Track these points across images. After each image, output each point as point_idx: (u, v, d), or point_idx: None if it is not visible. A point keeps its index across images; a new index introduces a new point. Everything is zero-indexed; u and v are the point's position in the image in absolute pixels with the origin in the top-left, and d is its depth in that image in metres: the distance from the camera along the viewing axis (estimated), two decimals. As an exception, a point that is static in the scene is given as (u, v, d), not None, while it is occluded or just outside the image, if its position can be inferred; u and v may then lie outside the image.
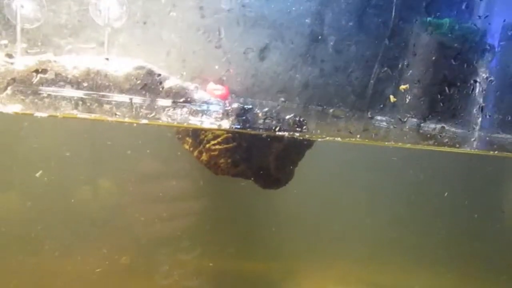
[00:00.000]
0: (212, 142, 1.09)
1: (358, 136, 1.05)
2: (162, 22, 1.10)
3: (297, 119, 1.08)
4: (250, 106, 1.08)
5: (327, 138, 1.05)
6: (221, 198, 1.50)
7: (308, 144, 1.19)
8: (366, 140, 1.05)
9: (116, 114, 1.08)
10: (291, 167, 1.19)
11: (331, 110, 1.04)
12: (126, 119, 1.08)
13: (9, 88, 0.99)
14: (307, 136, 1.05)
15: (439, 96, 1.05)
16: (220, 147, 1.08)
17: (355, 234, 1.60)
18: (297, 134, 1.04)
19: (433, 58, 1.08)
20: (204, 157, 1.11)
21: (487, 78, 1.11)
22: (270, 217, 1.55)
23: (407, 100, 1.04)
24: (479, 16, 1.06)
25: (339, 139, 1.05)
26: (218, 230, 1.53)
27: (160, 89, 1.09)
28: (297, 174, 1.22)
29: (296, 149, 1.18)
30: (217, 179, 1.36)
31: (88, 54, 1.09)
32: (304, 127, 1.04)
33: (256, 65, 1.09)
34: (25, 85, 1.00)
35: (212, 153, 1.10)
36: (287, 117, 1.07)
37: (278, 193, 1.29)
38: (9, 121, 1.21)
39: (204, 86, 1.12)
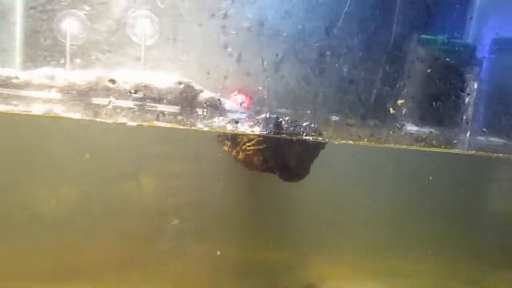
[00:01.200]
0: (247, 144, 1.32)
1: (366, 139, 1.28)
2: (190, 39, 1.26)
3: (312, 125, 1.30)
4: (275, 116, 1.30)
5: (342, 141, 1.27)
6: (241, 192, 1.70)
7: (322, 145, 1.42)
8: (372, 143, 1.26)
9: (163, 121, 1.27)
10: (308, 164, 1.42)
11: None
12: (170, 125, 1.27)
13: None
14: (326, 139, 1.28)
15: (430, 107, 1.28)
16: (254, 148, 1.31)
17: (362, 225, 1.81)
18: (320, 138, 1.27)
19: (428, 71, 1.29)
20: (241, 156, 1.34)
21: (475, 89, 1.31)
22: (285, 209, 1.76)
23: (403, 111, 1.26)
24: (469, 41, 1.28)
25: (351, 142, 1.26)
26: (237, 220, 1.74)
27: (197, 100, 1.30)
28: (312, 169, 1.46)
29: (312, 150, 1.41)
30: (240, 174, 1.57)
31: (130, 68, 1.24)
32: (325, 133, 1.26)
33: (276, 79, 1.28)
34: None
35: (248, 152, 1.33)
36: (304, 124, 1.29)
37: (295, 186, 1.50)
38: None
39: (228, 96, 1.32)
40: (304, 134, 1.24)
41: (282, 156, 1.36)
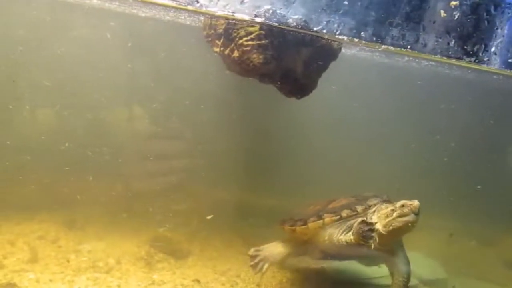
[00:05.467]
0: (245, 38, 0.98)
1: (409, 47, 0.96)
2: None
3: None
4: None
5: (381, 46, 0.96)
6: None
7: (334, 55, 1.11)
8: (416, 52, 0.95)
9: None
10: (316, 76, 1.11)
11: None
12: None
13: None
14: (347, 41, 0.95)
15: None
16: (252, 43, 0.98)
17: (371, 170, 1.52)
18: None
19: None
20: (236, 53, 0.99)
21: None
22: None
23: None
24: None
25: (391, 48, 0.95)
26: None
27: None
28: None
29: (322, 57, 1.09)
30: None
31: None
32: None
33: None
34: None
35: (245, 48, 0.98)
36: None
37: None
38: None
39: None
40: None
41: (286, 59, 1.03)
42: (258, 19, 0.94)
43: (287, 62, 1.04)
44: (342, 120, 1.47)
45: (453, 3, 0.95)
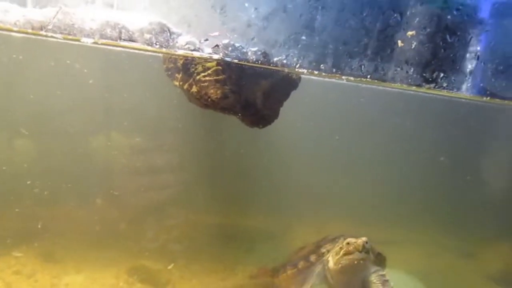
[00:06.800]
0: (202, 74, 0.97)
1: (369, 76, 0.95)
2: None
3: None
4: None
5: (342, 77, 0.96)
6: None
7: (294, 84, 1.11)
8: (376, 81, 0.96)
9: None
10: (277, 106, 1.10)
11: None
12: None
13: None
14: (306, 73, 0.95)
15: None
16: (210, 78, 0.97)
17: (348, 188, 1.50)
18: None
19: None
20: (194, 89, 0.98)
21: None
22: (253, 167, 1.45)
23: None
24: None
25: (351, 78, 0.95)
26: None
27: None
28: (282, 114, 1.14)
29: (282, 88, 1.08)
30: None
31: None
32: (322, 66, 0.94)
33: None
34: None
35: (202, 84, 0.97)
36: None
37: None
38: None
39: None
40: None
41: (245, 92, 1.02)
42: (216, 56, 0.93)
43: (247, 95, 1.02)
44: (320, 141, 1.46)
45: (410, 33, 0.95)
